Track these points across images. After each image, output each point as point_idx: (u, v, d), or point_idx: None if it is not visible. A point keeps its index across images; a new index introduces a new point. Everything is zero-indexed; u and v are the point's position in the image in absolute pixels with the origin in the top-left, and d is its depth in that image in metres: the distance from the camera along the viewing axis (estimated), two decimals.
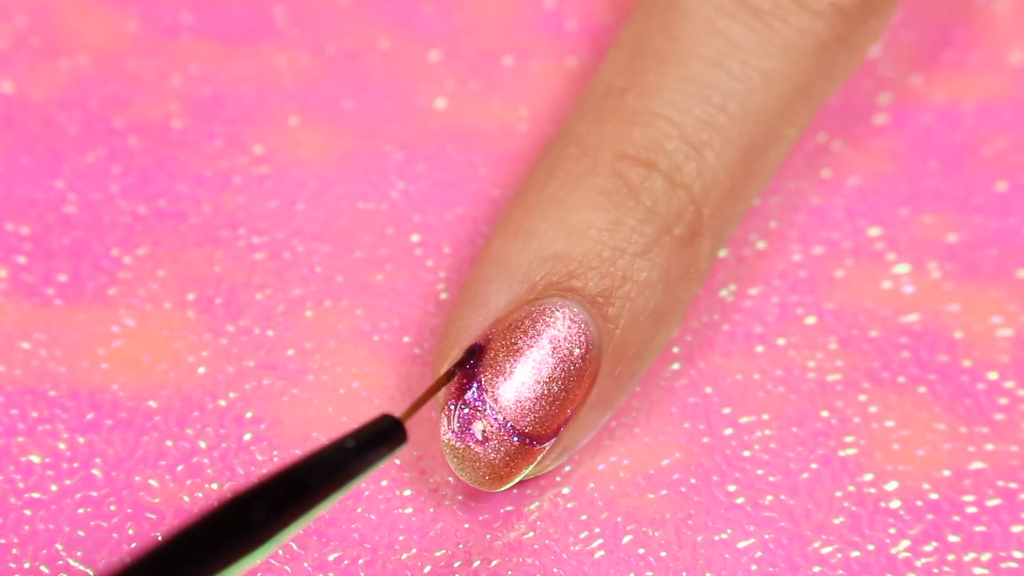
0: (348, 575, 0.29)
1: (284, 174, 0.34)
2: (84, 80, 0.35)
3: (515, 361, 0.28)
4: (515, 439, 0.28)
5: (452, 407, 0.28)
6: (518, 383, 0.28)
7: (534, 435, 0.28)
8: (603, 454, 0.30)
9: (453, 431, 0.28)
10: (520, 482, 0.30)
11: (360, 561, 0.29)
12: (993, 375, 0.31)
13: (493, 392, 0.28)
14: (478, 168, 0.34)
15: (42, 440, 0.31)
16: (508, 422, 0.28)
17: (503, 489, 0.28)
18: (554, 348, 0.28)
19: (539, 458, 0.28)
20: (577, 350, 0.28)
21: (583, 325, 0.28)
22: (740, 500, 0.30)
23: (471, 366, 0.28)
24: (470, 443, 0.28)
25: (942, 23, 0.36)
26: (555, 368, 0.28)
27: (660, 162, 0.29)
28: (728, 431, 0.31)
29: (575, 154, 0.30)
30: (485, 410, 0.28)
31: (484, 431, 0.28)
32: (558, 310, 0.28)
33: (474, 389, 0.28)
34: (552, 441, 0.28)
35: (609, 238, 0.29)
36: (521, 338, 0.28)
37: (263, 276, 0.33)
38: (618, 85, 0.31)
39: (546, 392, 0.28)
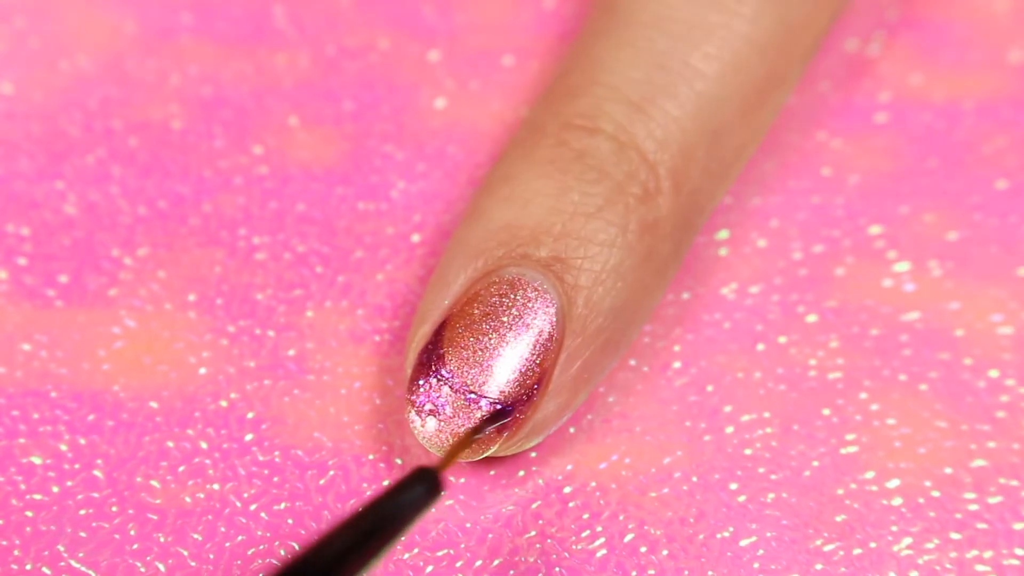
0: None
1: (284, 174, 0.34)
2: (84, 80, 0.35)
3: (474, 332, 0.28)
4: (480, 405, 0.28)
5: (417, 383, 0.28)
6: (479, 352, 0.28)
7: (499, 400, 0.28)
8: (604, 453, 0.30)
9: (417, 405, 0.28)
10: (520, 481, 0.30)
11: None
12: (994, 373, 0.31)
13: (454, 363, 0.28)
14: (478, 168, 0.34)
15: (44, 441, 0.30)
16: (470, 389, 0.28)
17: (476, 459, 0.28)
18: (513, 316, 0.28)
19: (508, 432, 0.28)
20: (537, 316, 0.28)
21: (540, 290, 0.28)
22: (742, 498, 0.30)
23: (434, 344, 0.28)
24: (435, 413, 0.28)
25: (942, 22, 0.36)
26: (516, 334, 0.28)
27: (605, 125, 0.30)
28: (729, 429, 0.31)
29: (524, 136, 0.31)
30: (447, 381, 0.28)
31: (447, 401, 0.28)
32: (514, 278, 0.28)
33: (435, 362, 0.28)
34: (523, 411, 0.28)
35: (556, 203, 0.29)
36: (478, 308, 0.28)
37: (264, 276, 0.33)
38: (565, 68, 0.31)
39: (509, 357, 0.28)
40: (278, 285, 0.32)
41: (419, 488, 0.26)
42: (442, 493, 0.26)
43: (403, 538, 0.26)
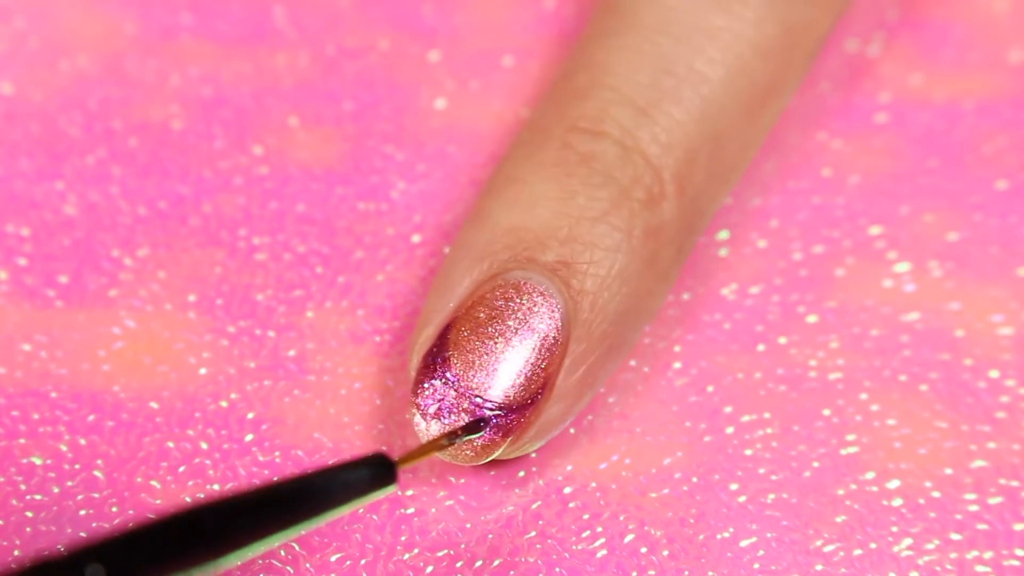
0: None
1: (284, 174, 0.34)
2: (84, 81, 0.35)
3: (479, 335, 0.28)
4: (486, 411, 0.28)
5: (422, 385, 0.28)
6: (484, 356, 0.28)
7: (505, 405, 0.28)
8: (605, 453, 0.30)
9: (422, 409, 0.28)
10: (520, 482, 0.30)
11: (362, 562, 0.29)
12: (994, 373, 0.31)
13: (459, 366, 0.28)
14: (478, 168, 0.34)
15: (44, 442, 0.30)
16: (474, 393, 0.28)
17: (482, 462, 0.28)
18: (519, 320, 0.28)
19: (513, 436, 0.28)
20: (543, 320, 0.28)
21: (545, 294, 0.28)
22: (742, 499, 0.30)
23: (439, 347, 0.28)
24: (440, 416, 0.28)
25: (942, 22, 0.36)
26: (521, 338, 0.28)
27: (610, 129, 0.30)
28: (730, 429, 0.31)
29: (529, 137, 0.31)
30: (452, 384, 0.28)
31: (452, 404, 0.28)
32: (520, 282, 0.28)
33: (440, 365, 0.28)
34: (527, 415, 0.28)
35: (562, 207, 0.29)
36: (484, 312, 0.28)
37: (264, 277, 0.33)
38: (570, 69, 0.31)
39: (514, 361, 0.28)
40: (278, 285, 0.32)
41: (364, 471, 0.25)
42: (393, 486, 0.26)
43: (329, 518, 0.25)
